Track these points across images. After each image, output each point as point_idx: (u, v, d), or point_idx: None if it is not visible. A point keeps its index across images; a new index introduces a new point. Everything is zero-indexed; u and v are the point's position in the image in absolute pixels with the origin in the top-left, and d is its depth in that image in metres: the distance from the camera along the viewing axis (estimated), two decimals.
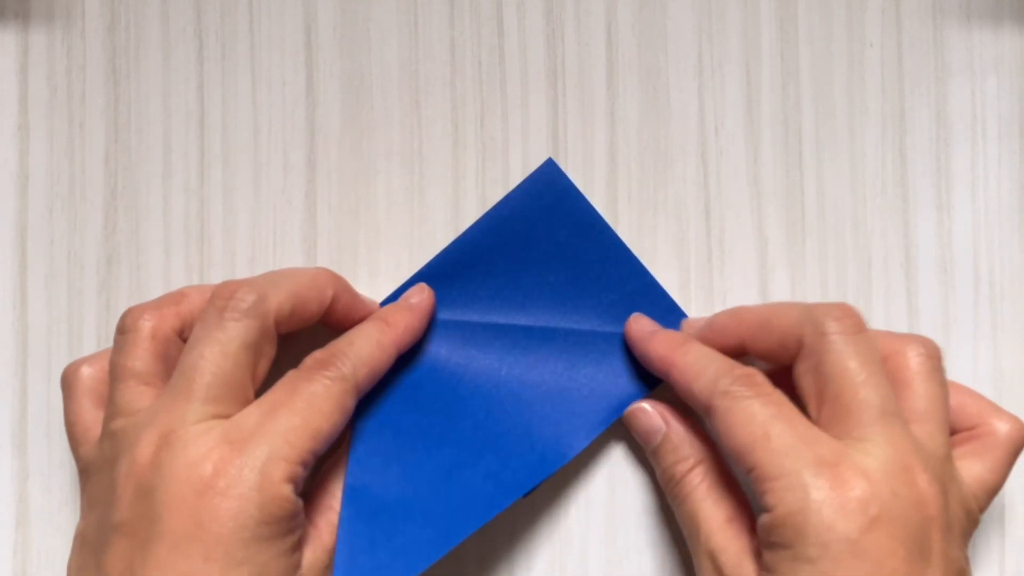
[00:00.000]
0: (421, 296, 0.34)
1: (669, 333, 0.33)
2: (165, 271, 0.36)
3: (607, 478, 0.36)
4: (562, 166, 0.36)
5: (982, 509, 0.31)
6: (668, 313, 0.35)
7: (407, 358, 0.34)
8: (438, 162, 0.36)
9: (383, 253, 0.36)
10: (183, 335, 0.32)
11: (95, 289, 0.36)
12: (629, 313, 0.35)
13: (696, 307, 0.36)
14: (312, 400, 0.29)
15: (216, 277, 0.36)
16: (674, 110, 0.36)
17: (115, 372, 0.31)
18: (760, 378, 0.30)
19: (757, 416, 0.29)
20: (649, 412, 0.33)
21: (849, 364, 0.29)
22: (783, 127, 0.36)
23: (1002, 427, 0.31)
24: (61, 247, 0.36)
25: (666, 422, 0.33)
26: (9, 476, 0.35)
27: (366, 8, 0.36)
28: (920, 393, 0.30)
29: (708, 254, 0.36)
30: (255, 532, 0.27)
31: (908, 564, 0.27)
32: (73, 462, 0.34)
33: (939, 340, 0.36)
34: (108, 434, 0.30)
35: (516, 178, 0.36)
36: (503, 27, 0.36)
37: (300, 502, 0.29)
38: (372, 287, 0.36)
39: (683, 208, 0.36)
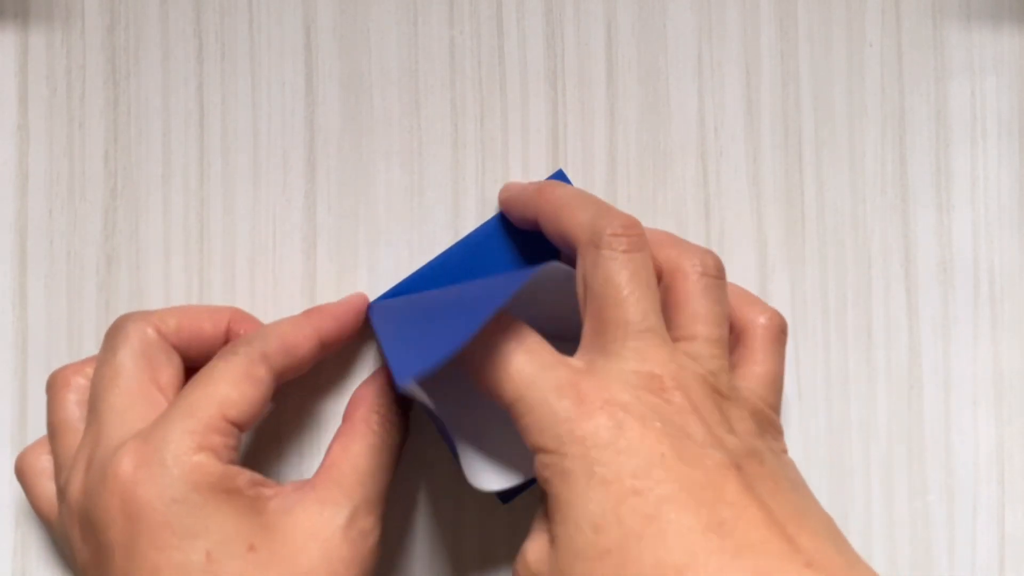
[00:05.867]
0: (354, 295, 0.35)
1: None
2: (165, 271, 0.36)
3: None
4: (562, 166, 0.36)
5: (771, 405, 0.31)
6: None
7: None
8: (438, 162, 0.36)
9: (383, 253, 0.36)
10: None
11: (95, 289, 0.36)
12: None
13: None
14: (212, 373, 0.30)
15: (216, 277, 0.36)
16: (674, 110, 0.36)
17: (49, 429, 0.32)
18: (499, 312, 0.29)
19: (499, 350, 0.28)
20: None
21: (615, 280, 0.29)
22: (783, 127, 0.36)
23: (761, 319, 0.32)
24: (61, 247, 0.36)
25: None
26: (9, 476, 0.35)
27: (366, 8, 0.36)
28: (690, 312, 0.30)
29: None
30: (192, 501, 0.28)
31: (677, 449, 0.26)
32: None
33: (939, 340, 0.36)
34: (58, 492, 0.31)
35: (516, 178, 0.36)
36: (503, 27, 0.36)
37: (230, 467, 0.29)
38: (372, 287, 0.36)
39: (683, 208, 0.36)
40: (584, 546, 0.26)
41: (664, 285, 0.30)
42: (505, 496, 0.35)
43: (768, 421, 0.30)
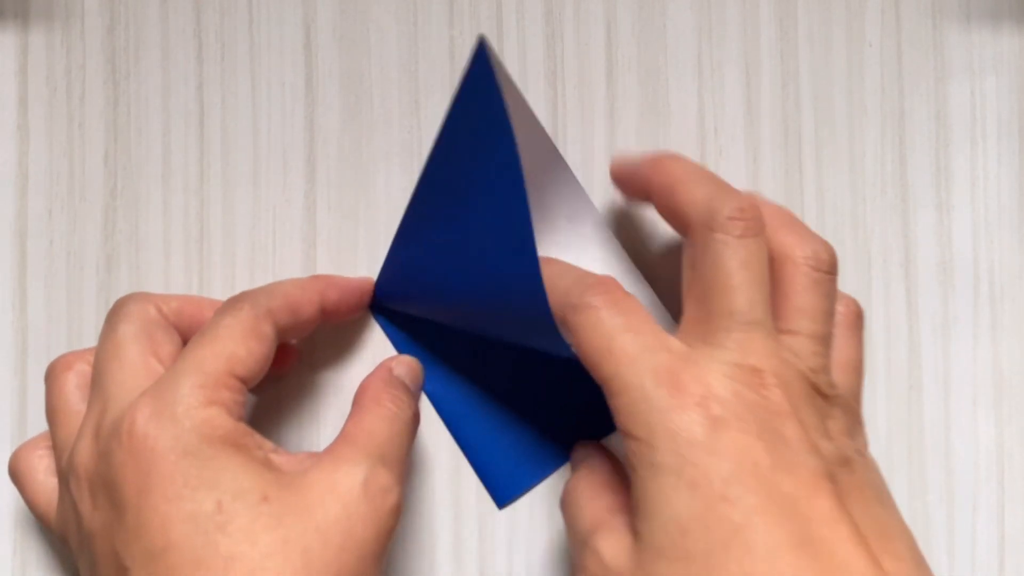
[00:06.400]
0: (362, 278, 0.35)
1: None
2: (164, 271, 0.36)
3: None
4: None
5: (856, 395, 0.30)
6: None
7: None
8: None
9: (383, 253, 0.36)
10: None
11: (95, 289, 0.36)
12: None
13: None
14: (219, 328, 0.30)
15: (216, 277, 0.36)
16: (674, 110, 0.36)
17: (48, 414, 0.32)
18: (612, 285, 0.29)
19: (604, 327, 0.28)
20: None
21: (725, 266, 0.28)
22: (783, 127, 0.37)
23: (839, 307, 0.31)
24: (61, 247, 0.36)
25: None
26: (8, 476, 0.35)
27: (366, 8, 0.36)
28: (796, 305, 0.29)
29: None
30: (204, 454, 0.27)
31: (771, 455, 0.26)
32: None
33: (939, 340, 0.36)
34: (62, 472, 0.31)
35: None
36: (503, 27, 0.36)
37: (240, 424, 0.28)
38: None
39: None
40: (669, 547, 0.26)
41: (772, 271, 0.30)
42: (501, 500, 0.35)
43: (856, 417, 0.30)
